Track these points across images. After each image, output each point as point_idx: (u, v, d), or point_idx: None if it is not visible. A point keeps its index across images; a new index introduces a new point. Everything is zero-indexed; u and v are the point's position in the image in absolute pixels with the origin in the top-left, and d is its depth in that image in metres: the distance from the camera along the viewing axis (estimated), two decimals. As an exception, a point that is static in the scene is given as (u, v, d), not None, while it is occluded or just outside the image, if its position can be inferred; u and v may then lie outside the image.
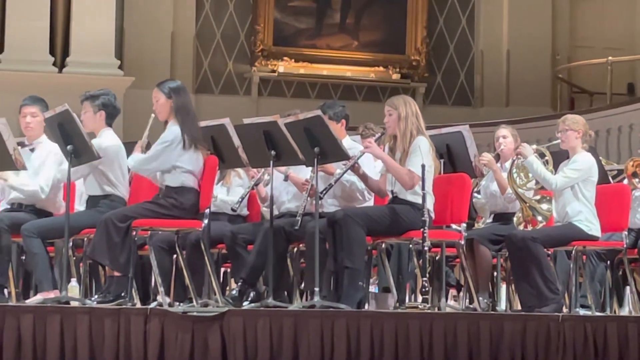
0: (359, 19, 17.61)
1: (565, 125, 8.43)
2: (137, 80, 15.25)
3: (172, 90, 7.87)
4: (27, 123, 8.21)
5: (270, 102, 16.62)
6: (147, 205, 7.74)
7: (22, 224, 7.80)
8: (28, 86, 12.82)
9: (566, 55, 17.93)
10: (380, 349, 6.86)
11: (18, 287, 8.50)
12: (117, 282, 7.65)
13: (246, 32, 17.27)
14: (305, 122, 7.69)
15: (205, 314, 6.79)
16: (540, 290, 7.95)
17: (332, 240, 7.74)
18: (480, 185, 8.99)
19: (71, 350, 6.56)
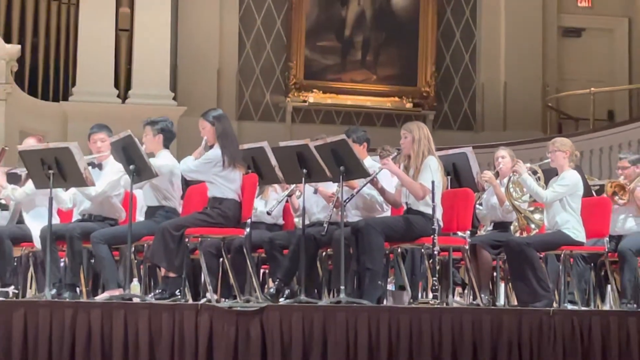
0: (377, 56, 17.60)
1: (554, 147, 8.42)
2: (188, 109, 15.27)
3: (215, 118, 7.91)
4: (97, 147, 8.26)
5: (301, 128, 16.61)
6: (198, 216, 7.76)
7: (92, 232, 7.83)
8: (96, 115, 12.88)
9: (554, 86, 17.89)
10: (397, 338, 6.84)
11: (88, 286, 8.51)
12: (172, 282, 7.66)
13: (281, 67, 17.29)
14: (332, 144, 7.69)
15: (247, 309, 6.78)
16: (534, 288, 7.91)
17: (355, 246, 7.74)
18: (482, 198, 8.96)
19: (133, 340, 6.57)
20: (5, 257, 8.39)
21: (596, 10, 18.27)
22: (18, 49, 15.39)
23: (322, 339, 6.75)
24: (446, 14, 17.82)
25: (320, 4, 17.40)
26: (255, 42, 17.20)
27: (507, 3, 17.75)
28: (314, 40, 17.37)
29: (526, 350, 6.96)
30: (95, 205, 8.14)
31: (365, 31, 17.54)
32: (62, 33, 16.04)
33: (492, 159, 9.24)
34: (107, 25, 15.88)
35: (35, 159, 7.63)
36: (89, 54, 15.77)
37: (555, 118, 17.96)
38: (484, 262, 8.52)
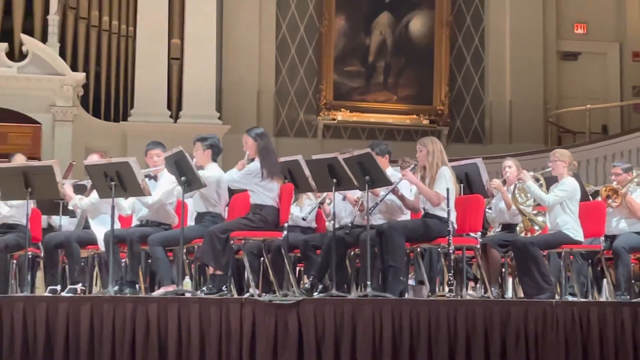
0: (397, 79, 17.60)
1: (554, 157, 8.40)
2: (232, 128, 15.30)
3: (257, 135, 7.93)
4: (153, 161, 8.30)
5: (331, 142, 16.61)
6: (241, 221, 7.78)
7: (149, 236, 7.86)
8: (151, 133, 12.94)
9: (554, 104, 17.82)
10: (417, 327, 6.83)
11: (146, 283, 8.54)
12: (220, 279, 7.67)
13: (313, 90, 17.31)
14: (358, 157, 7.69)
15: (285, 302, 6.78)
16: (538, 282, 7.88)
17: (380, 246, 7.73)
18: (491, 203, 8.93)
19: (186, 330, 6.59)
20: (73, 258, 8.44)
21: (591, 36, 18.21)
22: (83, 77, 15.50)
23: (352, 328, 6.75)
24: (458, 41, 17.80)
25: (346, 33, 17.42)
26: (290, 68, 17.24)
27: (512, 31, 17.71)
28: (341, 65, 17.39)
29: (532, 338, 6.93)
30: (152, 212, 8.18)
31: (386, 57, 17.54)
32: (121, 62, 16.13)
33: (499, 169, 9.21)
34: (160, 54, 15.97)
35: (99, 172, 7.67)
36: (145, 80, 15.86)
37: (556, 132, 17.90)
38: (494, 260, 8.48)
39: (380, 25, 17.52)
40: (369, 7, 17.48)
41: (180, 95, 16.11)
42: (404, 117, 17.55)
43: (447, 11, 17.61)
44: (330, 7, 17.24)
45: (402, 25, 17.58)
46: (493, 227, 9.14)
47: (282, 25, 17.20)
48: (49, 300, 6.57)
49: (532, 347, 6.92)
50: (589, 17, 18.15)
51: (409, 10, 17.61)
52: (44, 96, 15.03)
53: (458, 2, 17.83)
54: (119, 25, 16.10)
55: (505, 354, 6.90)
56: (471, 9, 17.89)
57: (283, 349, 6.64)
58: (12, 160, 8.93)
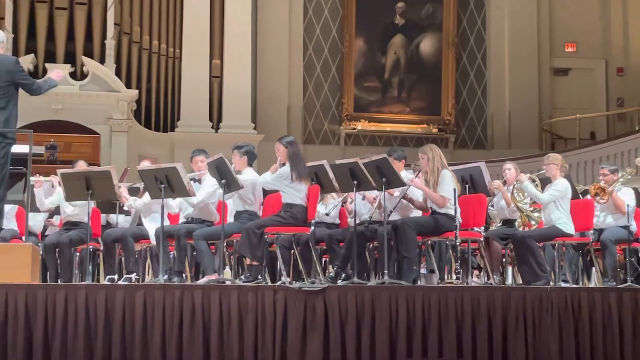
0: (409, 93, 17.57)
1: (548, 161, 8.35)
2: (265, 136, 15.33)
3: (288, 143, 7.92)
4: (198, 167, 8.31)
5: (352, 149, 16.61)
6: (274, 218, 7.77)
7: (194, 231, 7.87)
8: (195, 142, 12.99)
9: (548, 114, 17.74)
10: (428, 310, 6.79)
11: (191, 272, 8.55)
12: (255, 269, 7.67)
13: (336, 103, 17.31)
14: (376, 161, 7.67)
15: (313, 289, 6.76)
16: (535, 271, 7.83)
17: (395, 239, 7.70)
18: (493, 201, 8.88)
19: (226, 313, 6.58)
20: (128, 251, 8.48)
21: (580, 54, 18.12)
22: (136, 93, 15.58)
23: (371, 311, 6.72)
24: (462, 59, 17.74)
25: (365, 53, 17.41)
26: (316, 84, 17.25)
27: (510, 50, 17.65)
28: (360, 81, 17.38)
29: (530, 319, 6.88)
30: (196, 211, 8.19)
31: (400, 74, 17.51)
32: (169, 80, 16.19)
33: (500, 171, 9.16)
34: (203, 73, 16.03)
35: (150, 176, 7.69)
36: (190, 96, 15.92)
37: (549, 138, 17.81)
38: (495, 251, 8.44)
39: (394, 46, 17.50)
40: (384, 30, 17.46)
41: (220, 109, 16.15)
42: (415, 126, 17.51)
43: (453, 33, 17.56)
44: (350, 30, 17.24)
45: (414, 46, 17.54)
46: (494, 222, 9.09)
47: (309, 47, 17.21)
48: (107, 288, 6.58)
49: (530, 328, 6.86)
50: (578, 37, 18.06)
51: (420, 33, 17.58)
52: (103, 110, 15.12)
53: (463, 25, 17.78)
54: (166, 48, 16.16)
55: (506, 333, 6.85)
56: (474, 32, 17.85)
57: (311, 329, 6.62)
58: (75, 167, 8.97)
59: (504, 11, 17.75)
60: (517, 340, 6.83)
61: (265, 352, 6.55)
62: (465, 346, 6.78)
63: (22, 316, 6.31)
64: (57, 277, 8.79)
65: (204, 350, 6.51)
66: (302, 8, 17.15)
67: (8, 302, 6.30)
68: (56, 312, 6.37)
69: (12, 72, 6.87)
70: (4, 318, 6.29)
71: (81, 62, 15.33)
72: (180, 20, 16.15)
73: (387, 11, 17.44)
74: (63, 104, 14.93)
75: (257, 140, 14.94)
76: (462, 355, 6.77)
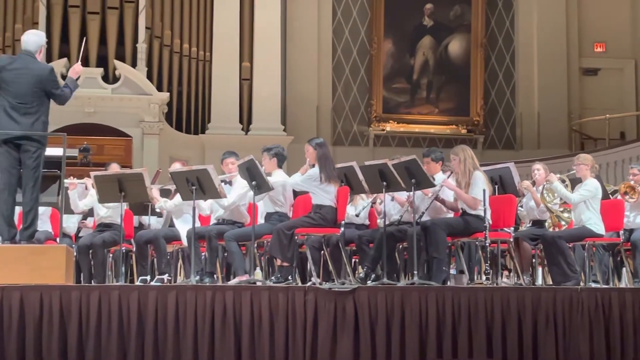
0: (438, 94, 17.51)
1: (578, 161, 8.30)
2: (295, 138, 15.35)
3: (317, 145, 7.92)
4: (229, 169, 8.34)
5: (381, 150, 16.57)
6: (304, 219, 7.77)
7: (225, 233, 7.90)
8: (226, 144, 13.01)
9: (577, 114, 17.61)
10: (458, 311, 6.77)
11: (223, 273, 8.59)
12: (286, 270, 7.69)
13: (365, 104, 17.29)
14: (405, 163, 7.66)
15: (343, 289, 6.75)
16: (565, 271, 7.78)
17: (425, 240, 7.69)
18: (522, 202, 8.84)
19: (257, 313, 6.58)
20: (160, 252, 8.52)
21: (609, 54, 17.97)
22: (167, 96, 15.66)
23: (401, 311, 6.71)
24: (491, 60, 17.66)
25: (393, 55, 17.37)
26: (345, 86, 17.24)
27: (539, 50, 17.54)
28: (389, 83, 17.34)
29: (560, 320, 6.84)
30: (227, 212, 8.22)
31: (428, 75, 17.45)
32: (199, 83, 16.26)
33: (529, 172, 9.12)
34: (233, 76, 16.08)
35: (182, 178, 7.73)
36: (220, 98, 15.98)
37: (579, 138, 17.68)
38: (525, 251, 8.40)
39: (423, 48, 17.45)
40: (413, 32, 17.42)
41: (250, 111, 16.19)
42: (444, 127, 17.45)
43: (482, 34, 17.48)
44: (379, 32, 17.22)
45: (442, 47, 17.48)
46: (524, 222, 9.05)
47: (338, 48, 17.20)
48: (140, 289, 6.61)
49: (560, 329, 6.82)
50: (607, 37, 17.91)
51: (448, 34, 17.52)
52: (134, 113, 15.23)
53: (491, 26, 17.69)
54: (197, 51, 16.23)
55: (536, 334, 6.82)
56: (503, 32, 17.75)
57: (341, 330, 6.62)
58: (108, 169, 9.03)
59: (532, 11, 17.64)
60: (547, 341, 6.79)
61: (295, 352, 6.56)
62: (495, 347, 6.75)
63: (56, 317, 6.36)
64: (90, 278, 8.86)
65: (236, 350, 6.52)
66: (330, 10, 17.15)
67: (43, 303, 6.36)
68: (90, 312, 6.42)
69: (46, 80, 6.93)
70: (39, 319, 6.35)
71: (113, 66, 15.44)
72: (211, 24, 16.22)
73: (416, 13, 17.40)
74: (96, 107, 15.05)
75: (287, 142, 14.96)
76: (492, 355, 6.74)
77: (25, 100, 6.84)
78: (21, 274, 6.51)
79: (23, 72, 6.87)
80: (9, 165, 6.86)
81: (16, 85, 6.84)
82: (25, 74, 6.87)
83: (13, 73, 6.88)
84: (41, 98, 6.90)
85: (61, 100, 7.04)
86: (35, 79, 6.87)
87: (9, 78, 6.87)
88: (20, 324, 6.31)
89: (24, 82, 6.84)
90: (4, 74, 6.88)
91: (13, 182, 6.88)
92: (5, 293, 6.32)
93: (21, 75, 6.86)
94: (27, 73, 6.88)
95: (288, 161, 8.87)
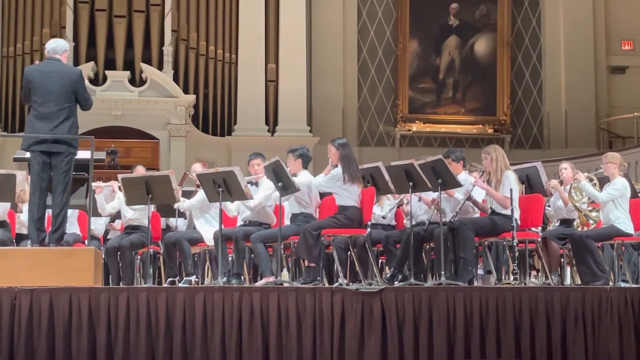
0: (464, 94, 17.43)
1: (606, 160, 8.24)
2: (321, 139, 15.31)
3: (340, 145, 7.92)
4: (255, 170, 8.36)
5: (407, 150, 16.52)
6: (330, 220, 7.78)
7: (251, 234, 7.91)
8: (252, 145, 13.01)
9: (605, 112, 17.46)
10: (486, 311, 6.75)
11: (250, 274, 8.61)
12: (313, 270, 7.69)
13: (390, 105, 17.25)
14: (431, 163, 7.64)
15: (370, 290, 6.76)
16: (594, 271, 7.73)
17: (452, 240, 7.67)
18: (550, 201, 8.79)
19: (285, 314, 6.60)
20: (185, 254, 8.54)
21: (637, 52, 17.80)
22: (194, 98, 15.72)
23: (428, 312, 6.70)
24: (517, 59, 17.56)
25: (419, 55, 17.33)
26: (370, 86, 17.21)
27: (566, 49, 17.42)
28: (415, 83, 17.30)
29: (589, 320, 6.80)
30: (254, 214, 8.24)
31: (454, 75, 17.39)
32: (225, 85, 16.30)
33: (557, 171, 9.06)
34: (258, 78, 16.10)
35: (208, 180, 7.77)
36: (246, 100, 16.01)
37: (607, 137, 17.53)
38: (553, 251, 8.35)
39: (448, 47, 17.38)
40: (438, 31, 17.36)
41: (276, 112, 16.20)
42: (471, 127, 17.37)
43: (508, 33, 17.39)
44: (404, 32, 17.17)
45: (468, 47, 17.41)
46: (552, 222, 9.00)
47: (363, 49, 17.18)
48: (168, 290, 6.65)
49: (590, 329, 6.78)
50: (635, 35, 17.75)
51: (474, 33, 17.45)
52: (161, 116, 15.30)
53: (517, 24, 17.60)
54: (223, 54, 16.28)
55: (565, 334, 6.78)
56: (529, 31, 17.65)
57: (369, 331, 6.62)
58: (134, 172, 9.08)
59: (558, 10, 17.53)
60: (577, 341, 6.75)
61: (323, 353, 6.57)
62: (523, 347, 6.72)
63: (85, 318, 6.42)
64: (119, 280, 8.92)
65: (263, 351, 6.54)
66: (355, 11, 17.13)
67: (72, 304, 6.41)
68: (118, 314, 6.46)
69: (76, 83, 7.00)
70: (68, 320, 6.40)
71: (140, 69, 15.53)
72: (236, 26, 16.25)
73: (441, 12, 17.34)
74: (122, 110, 15.14)
75: (313, 143, 14.96)
76: (520, 356, 6.71)
77: (56, 103, 6.91)
78: (50, 277, 6.57)
79: (53, 75, 6.95)
80: (39, 169, 6.93)
81: (46, 88, 6.92)
82: (55, 77, 6.94)
83: (42, 76, 6.95)
84: (71, 100, 6.97)
85: (87, 105, 7.11)
86: (65, 81, 6.94)
87: (38, 82, 6.94)
88: (49, 325, 6.37)
89: (54, 84, 6.92)
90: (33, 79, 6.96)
91: (44, 186, 6.95)
92: (35, 295, 6.38)
93: (51, 78, 6.93)
94: (57, 76, 6.95)
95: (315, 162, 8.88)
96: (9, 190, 7.92)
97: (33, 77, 6.99)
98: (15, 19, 15.71)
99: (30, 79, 7.00)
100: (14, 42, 15.63)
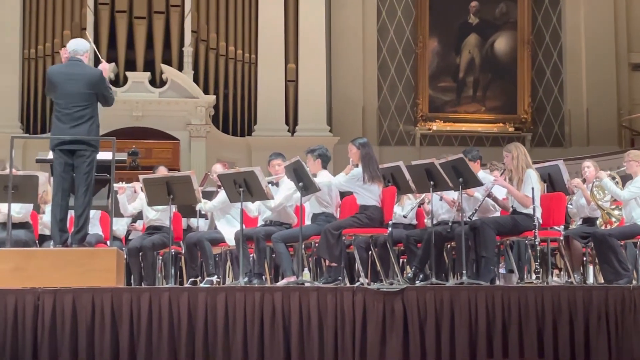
0: (485, 92, 17.39)
1: (629, 158, 8.18)
2: (341, 139, 15.32)
3: (360, 144, 7.91)
4: (275, 170, 8.37)
5: (428, 150, 16.50)
6: (351, 219, 7.77)
7: (272, 234, 7.92)
8: (272, 145, 13.05)
9: (627, 110, 17.36)
10: (508, 310, 6.72)
11: (271, 274, 8.61)
12: (334, 270, 7.68)
13: (410, 104, 17.23)
14: (452, 162, 7.62)
15: (391, 290, 6.74)
16: (616, 269, 7.68)
17: (473, 239, 7.64)
18: (572, 199, 8.75)
19: (306, 314, 6.60)
20: (206, 254, 8.55)
21: (659, 49, 17.74)
22: (214, 99, 15.76)
23: (450, 311, 6.68)
24: (538, 57, 17.50)
25: (439, 53, 17.30)
26: (390, 86, 17.20)
27: (587, 46, 17.33)
28: (435, 82, 17.27)
29: (612, 319, 6.75)
30: (275, 214, 8.24)
31: (475, 73, 17.35)
32: (245, 85, 16.34)
33: (579, 169, 9.02)
34: (278, 78, 16.13)
35: (229, 180, 7.78)
36: (266, 100, 16.04)
37: (629, 135, 17.43)
38: (576, 249, 8.31)
39: (468, 46, 17.35)
40: (458, 30, 17.33)
41: (296, 112, 16.22)
42: (491, 126, 17.33)
43: (528, 31, 17.33)
44: (424, 31, 17.15)
45: (488, 45, 17.36)
46: (574, 220, 8.96)
47: (383, 48, 17.18)
48: (190, 291, 6.67)
49: (613, 327, 6.73)
50: (656, 31, 17.67)
51: (494, 32, 17.40)
52: (182, 116, 15.35)
53: (538, 23, 17.53)
54: (242, 54, 16.31)
55: (588, 333, 6.74)
56: (549, 29, 17.57)
57: (391, 330, 6.61)
58: (155, 172, 9.12)
59: (579, 7, 17.44)
60: (600, 340, 6.71)
61: (344, 353, 6.56)
62: (546, 346, 6.69)
63: (108, 319, 6.45)
64: (141, 280, 8.96)
65: (285, 351, 6.55)
66: (375, 10, 17.13)
67: (95, 305, 6.45)
68: (141, 314, 6.49)
69: (98, 83, 7.05)
70: (91, 321, 6.44)
71: (160, 70, 15.59)
72: (256, 26, 16.29)
73: (461, 11, 17.31)
74: (143, 111, 15.20)
75: (333, 143, 14.96)
76: (543, 355, 6.68)
77: (79, 104, 6.96)
78: (73, 277, 6.61)
79: (75, 76, 7.01)
80: (62, 170, 6.98)
81: (68, 90, 6.98)
82: (77, 78, 7.00)
83: (65, 78, 7.01)
84: (92, 101, 7.03)
85: (110, 102, 7.16)
86: (87, 81, 7.00)
87: (61, 84, 6.99)
88: (72, 326, 6.41)
89: (76, 85, 6.98)
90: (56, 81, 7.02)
91: (66, 187, 7.00)
92: (58, 296, 6.42)
93: (73, 79, 6.99)
94: (79, 77, 7.01)
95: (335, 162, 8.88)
96: (31, 191, 7.98)
97: (56, 79, 7.05)
98: (37, 21, 15.82)
99: (52, 80, 7.07)
100: (35, 44, 15.74)
